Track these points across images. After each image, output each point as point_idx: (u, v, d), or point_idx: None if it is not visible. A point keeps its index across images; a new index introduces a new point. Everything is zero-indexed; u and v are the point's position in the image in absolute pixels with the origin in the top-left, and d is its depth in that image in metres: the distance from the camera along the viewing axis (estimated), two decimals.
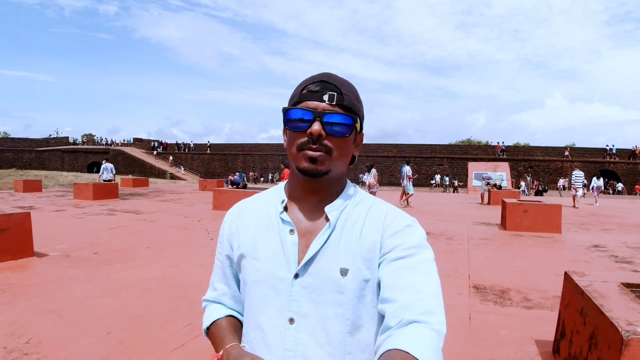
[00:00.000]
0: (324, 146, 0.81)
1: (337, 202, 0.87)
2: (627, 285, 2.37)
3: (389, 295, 0.75)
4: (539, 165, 38.68)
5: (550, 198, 21.59)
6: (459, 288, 4.40)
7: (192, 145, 51.89)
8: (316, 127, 0.80)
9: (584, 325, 2.21)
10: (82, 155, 52.20)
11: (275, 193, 0.94)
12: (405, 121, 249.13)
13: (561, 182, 32.38)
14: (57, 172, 37.83)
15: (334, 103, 0.82)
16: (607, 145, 39.19)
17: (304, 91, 0.84)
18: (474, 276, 4.86)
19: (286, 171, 11.43)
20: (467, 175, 29.81)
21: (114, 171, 17.30)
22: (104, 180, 16.41)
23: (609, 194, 33.03)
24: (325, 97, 0.82)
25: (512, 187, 26.31)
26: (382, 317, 0.78)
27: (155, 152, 50.28)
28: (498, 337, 3.14)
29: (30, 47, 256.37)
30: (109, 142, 57.10)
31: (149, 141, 54.84)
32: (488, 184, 18.06)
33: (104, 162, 17.48)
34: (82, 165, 50.65)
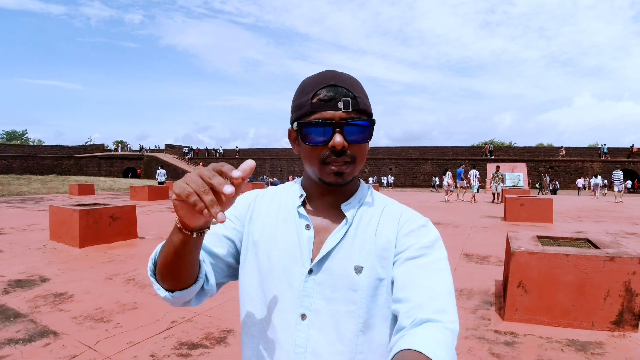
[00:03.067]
0: (348, 156, 0.80)
1: (353, 201, 0.88)
2: (539, 237, 3.98)
3: (402, 295, 0.74)
4: (559, 166, 39.33)
5: (558, 196, 22.75)
6: (452, 254, 6.04)
7: (221, 151, 54.22)
8: (338, 139, 0.77)
9: (507, 255, 3.81)
10: (118, 162, 54.87)
11: (292, 187, 0.94)
12: (430, 123, 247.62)
13: (580, 182, 33.05)
14: (95, 178, 39.88)
15: (350, 109, 0.78)
16: (601, 144, 40.19)
17: (314, 100, 0.80)
18: (466, 249, 6.48)
19: None
20: (486, 176, 30.96)
21: (166, 175, 19.57)
22: (159, 183, 18.64)
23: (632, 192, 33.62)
24: (340, 105, 0.78)
25: (529, 187, 27.42)
26: (395, 318, 0.78)
27: (187, 158, 52.68)
28: (472, 277, 4.78)
29: (60, 56, 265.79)
30: (146, 149, 59.76)
31: (180, 147, 57.42)
32: (494, 180, 18.57)
33: (159, 168, 19.97)
34: (117, 171, 53.20)
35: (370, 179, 41.70)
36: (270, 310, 0.84)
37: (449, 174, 18.26)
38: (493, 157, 41.78)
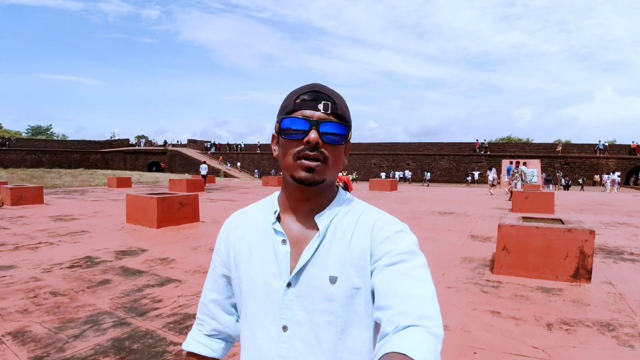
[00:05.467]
0: (321, 154, 0.83)
1: (327, 212, 0.90)
2: (523, 217, 5.24)
3: (384, 302, 0.75)
4: (575, 162, 39.94)
5: (567, 192, 23.69)
6: (461, 236, 7.34)
7: (242, 146, 55.89)
8: (313, 135, 0.82)
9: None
10: (143, 156, 56.84)
11: (269, 203, 0.97)
12: (448, 118, 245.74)
13: (606, 177, 32.65)
14: (121, 172, 41.72)
15: (329, 112, 0.84)
16: (599, 141, 40.79)
17: (298, 100, 0.85)
18: (473, 232, 7.77)
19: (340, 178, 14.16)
20: (500, 171, 31.90)
21: (207, 169, 22.09)
22: (202, 176, 21.01)
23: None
24: (320, 106, 0.83)
25: (542, 182, 28.34)
26: (375, 325, 0.83)
27: (209, 152, 54.43)
28: (474, 250, 6.09)
29: (77, 52, 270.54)
30: (170, 143, 61.71)
31: (202, 142, 59.31)
32: (514, 177, 19.99)
33: (203, 162, 22.41)
34: (142, 165, 55.16)
35: (392, 174, 42.85)
36: (255, 325, 0.88)
37: (493, 170, 21.09)
38: (488, 152, 42.66)
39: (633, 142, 39.67)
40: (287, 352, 0.84)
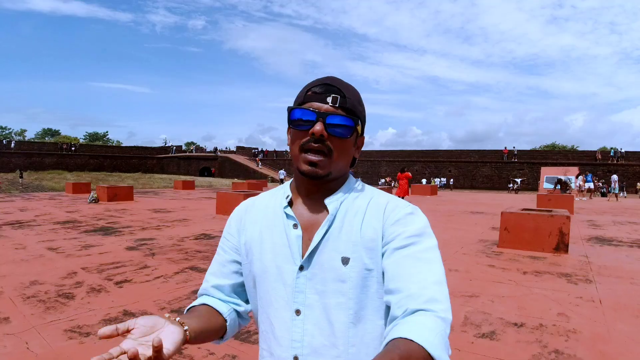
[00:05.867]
0: (325, 146, 0.84)
1: (337, 195, 0.91)
2: (524, 209, 7.01)
3: (393, 285, 0.77)
4: (617, 170, 39.88)
5: (599, 198, 24.55)
6: (484, 227, 9.14)
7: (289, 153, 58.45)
8: (318, 127, 0.82)
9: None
10: (195, 162, 60.49)
11: (282, 190, 0.98)
12: (496, 124, 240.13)
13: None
14: (175, 176, 44.83)
15: (337, 105, 0.84)
16: (611, 148, 41.26)
17: (309, 92, 0.87)
18: (495, 225, 9.50)
19: (400, 176, 15.64)
20: (540, 178, 32.67)
21: (285, 174, 25.78)
22: (280, 180, 25.17)
23: None
24: (329, 99, 0.84)
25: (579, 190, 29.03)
26: (388, 310, 0.80)
27: (257, 159, 57.36)
28: (490, 236, 7.90)
29: (128, 61, 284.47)
30: (219, 150, 65.22)
31: (250, 149, 62.55)
32: (558, 183, 21.31)
33: (282, 170, 26.27)
34: (195, 170, 58.66)
35: (435, 180, 44.13)
36: (269, 309, 0.89)
37: (581, 177, 23.74)
38: (515, 160, 43.13)
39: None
40: (301, 337, 0.84)
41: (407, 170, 15.88)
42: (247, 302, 0.99)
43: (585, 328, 3.35)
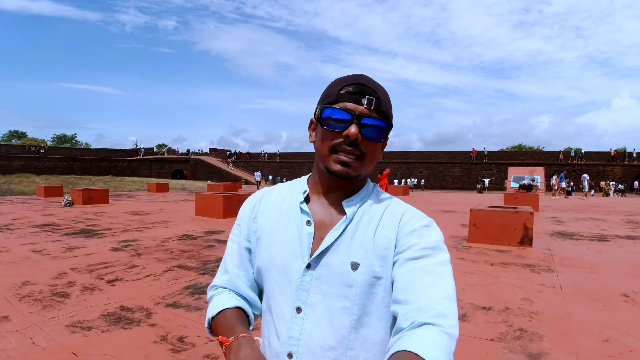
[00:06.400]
0: (358, 150, 0.84)
1: (356, 198, 0.90)
2: (491, 206, 7.48)
3: (402, 296, 0.76)
4: (582, 169, 41.57)
5: (569, 197, 25.68)
6: (455, 224, 9.64)
7: (264, 155, 58.58)
8: (353, 129, 0.81)
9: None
10: (167, 164, 59.61)
11: (299, 184, 0.97)
12: (466, 126, 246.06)
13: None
14: (147, 179, 43.27)
15: (372, 107, 0.83)
16: (572, 149, 44.16)
17: (342, 91, 0.85)
18: (464, 222, 9.98)
19: (380, 177, 16.20)
20: (507, 178, 33.81)
21: (260, 176, 28.04)
22: (257, 182, 29.04)
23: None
24: (364, 101, 0.83)
25: (545, 189, 30.21)
26: (392, 318, 0.81)
27: (230, 161, 57.10)
28: (460, 232, 8.36)
29: (96, 62, 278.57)
30: (191, 152, 64.63)
31: (223, 151, 62.26)
32: (521, 188, 22.20)
33: (258, 172, 27.36)
34: (167, 173, 57.65)
35: (411, 180, 44.98)
36: (272, 302, 0.89)
37: (555, 177, 25.27)
38: (486, 160, 44.86)
39: (611, 149, 42.48)
40: (298, 334, 0.84)
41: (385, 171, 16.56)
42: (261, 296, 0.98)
43: (547, 310, 3.74)
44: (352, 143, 0.83)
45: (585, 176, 26.30)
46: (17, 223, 9.53)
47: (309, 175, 0.99)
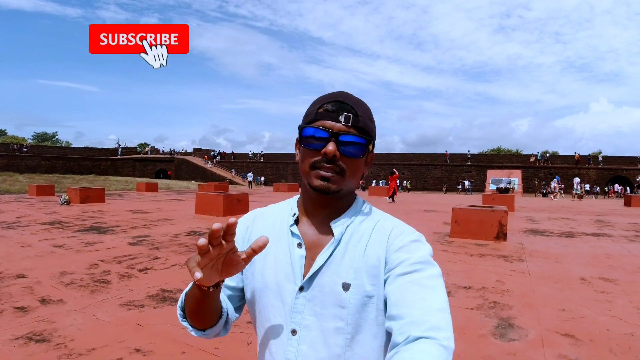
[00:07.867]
0: (337, 166, 0.84)
1: (343, 218, 0.91)
2: (470, 205, 8.34)
3: (396, 312, 0.75)
4: (558, 172, 43.13)
5: (541, 198, 26.96)
6: (438, 223, 10.48)
7: (251, 154, 58.75)
8: (331, 147, 0.82)
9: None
10: (151, 164, 58.98)
11: (289, 206, 0.98)
12: (446, 128, 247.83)
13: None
14: (131, 178, 43.31)
15: (350, 124, 0.84)
16: (538, 152, 46.14)
17: (320, 110, 0.86)
18: (446, 220, 10.85)
19: (390, 178, 17.69)
20: (486, 180, 35.11)
21: (252, 176, 27.58)
22: (249, 182, 29.92)
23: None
24: (341, 118, 0.84)
25: (522, 191, 31.64)
26: (386, 336, 0.82)
27: (214, 161, 57.23)
28: (443, 229, 9.22)
29: (76, 58, 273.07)
30: (175, 152, 64.50)
31: (208, 151, 62.27)
32: (498, 190, 23.45)
33: (250, 172, 27.68)
34: (150, 172, 57.06)
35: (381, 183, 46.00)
36: (266, 326, 0.90)
37: (555, 180, 27.96)
38: (469, 163, 46.65)
39: (576, 153, 44.61)
40: (295, 356, 0.84)
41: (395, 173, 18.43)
42: (235, 311, 0.99)
43: (516, 289, 4.57)
44: (330, 160, 0.84)
45: (576, 179, 28.52)
46: (23, 221, 9.99)
47: (298, 196, 1.01)
